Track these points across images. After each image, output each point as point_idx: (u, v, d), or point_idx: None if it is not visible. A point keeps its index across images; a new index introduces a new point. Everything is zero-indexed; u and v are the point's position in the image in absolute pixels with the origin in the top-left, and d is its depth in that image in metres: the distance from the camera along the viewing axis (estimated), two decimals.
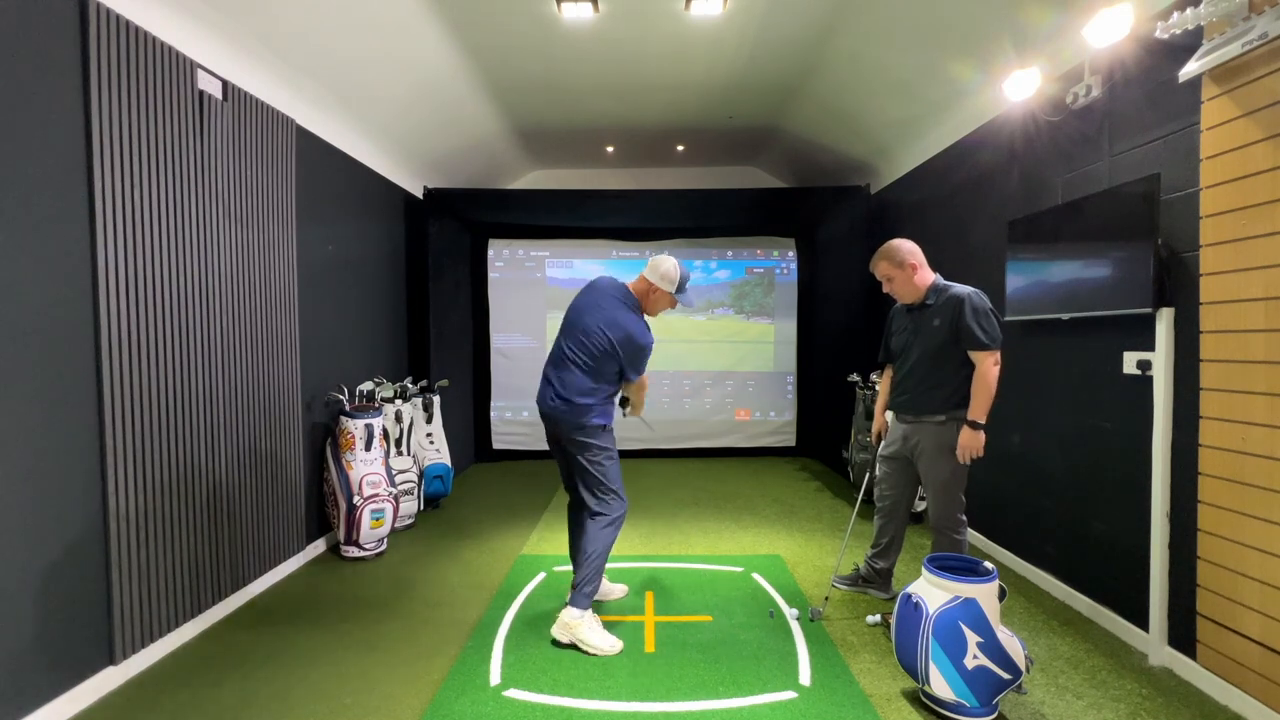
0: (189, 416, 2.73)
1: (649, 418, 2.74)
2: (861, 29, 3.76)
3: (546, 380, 2.80)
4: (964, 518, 2.73)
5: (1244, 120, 2.14)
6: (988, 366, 2.57)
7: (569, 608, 2.65)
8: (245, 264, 3.09)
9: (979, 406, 2.58)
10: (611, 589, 3.10)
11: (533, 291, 6.56)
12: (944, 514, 2.72)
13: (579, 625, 2.61)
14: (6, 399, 1.99)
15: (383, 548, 3.78)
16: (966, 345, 2.59)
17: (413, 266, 5.34)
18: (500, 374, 6.56)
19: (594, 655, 2.56)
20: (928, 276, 2.75)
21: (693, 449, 6.64)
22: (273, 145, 3.30)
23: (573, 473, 2.81)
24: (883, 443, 2.99)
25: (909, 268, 2.72)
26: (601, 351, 2.70)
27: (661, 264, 2.79)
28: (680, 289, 2.79)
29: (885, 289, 2.82)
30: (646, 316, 2.85)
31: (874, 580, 3.03)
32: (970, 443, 2.59)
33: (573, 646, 2.61)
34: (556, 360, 2.79)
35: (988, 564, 2.19)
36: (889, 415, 2.97)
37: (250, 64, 3.13)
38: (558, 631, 2.65)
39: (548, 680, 2.38)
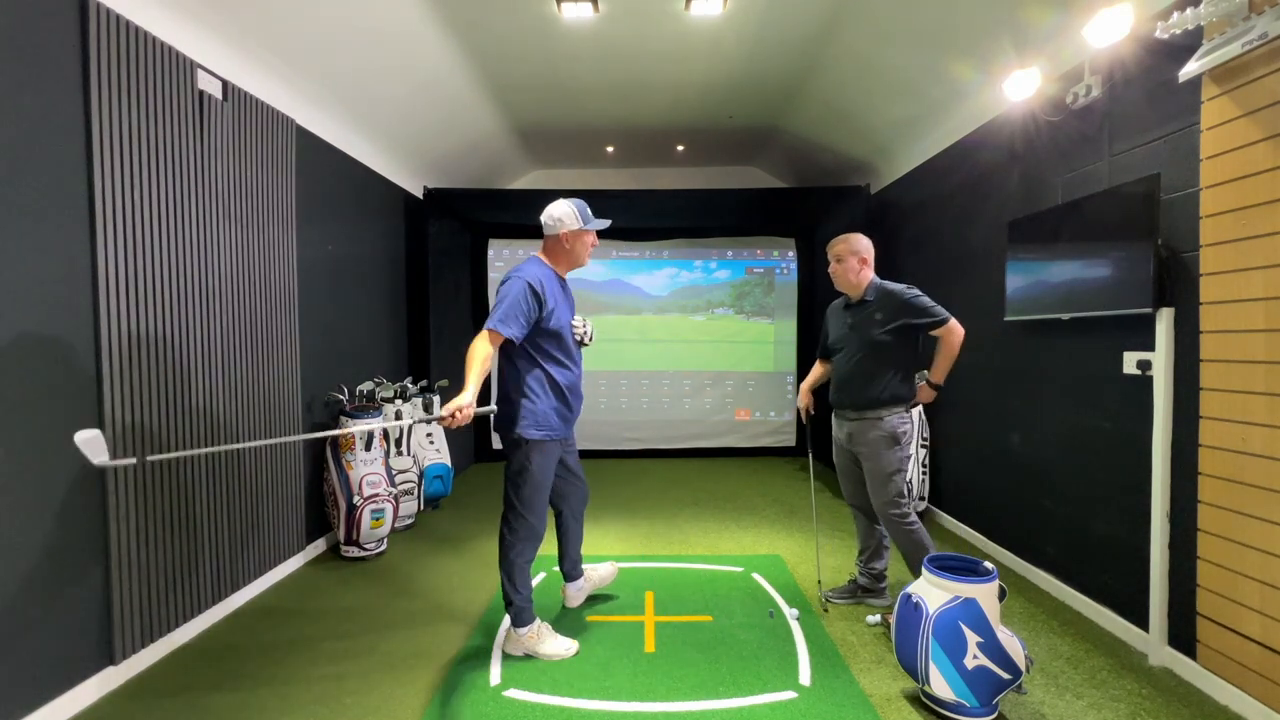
0: (189, 416, 2.73)
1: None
2: (861, 29, 3.76)
3: None
4: (907, 504, 2.79)
5: (1244, 120, 2.14)
6: (955, 334, 2.74)
7: (513, 629, 2.57)
8: (245, 264, 3.09)
9: (940, 368, 2.79)
10: (603, 578, 3.04)
11: None
12: (886, 502, 2.77)
13: (529, 639, 2.55)
14: (7, 399, 1.99)
15: (383, 548, 3.78)
16: (928, 326, 2.75)
17: (413, 266, 5.34)
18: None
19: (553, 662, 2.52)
20: (869, 275, 2.88)
21: (693, 449, 6.64)
22: (272, 145, 3.30)
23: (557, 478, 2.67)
24: (834, 452, 3.06)
25: (859, 260, 2.85)
26: None
27: (551, 210, 2.54)
28: (584, 220, 2.55)
29: (830, 269, 2.93)
30: (576, 269, 2.65)
31: (872, 589, 3.02)
32: (925, 398, 2.88)
33: (530, 656, 2.55)
34: None
35: (988, 564, 2.19)
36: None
37: (250, 64, 3.13)
38: (509, 647, 2.59)
39: (548, 680, 2.38)
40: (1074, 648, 2.62)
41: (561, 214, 2.54)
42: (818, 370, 3.16)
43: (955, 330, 2.72)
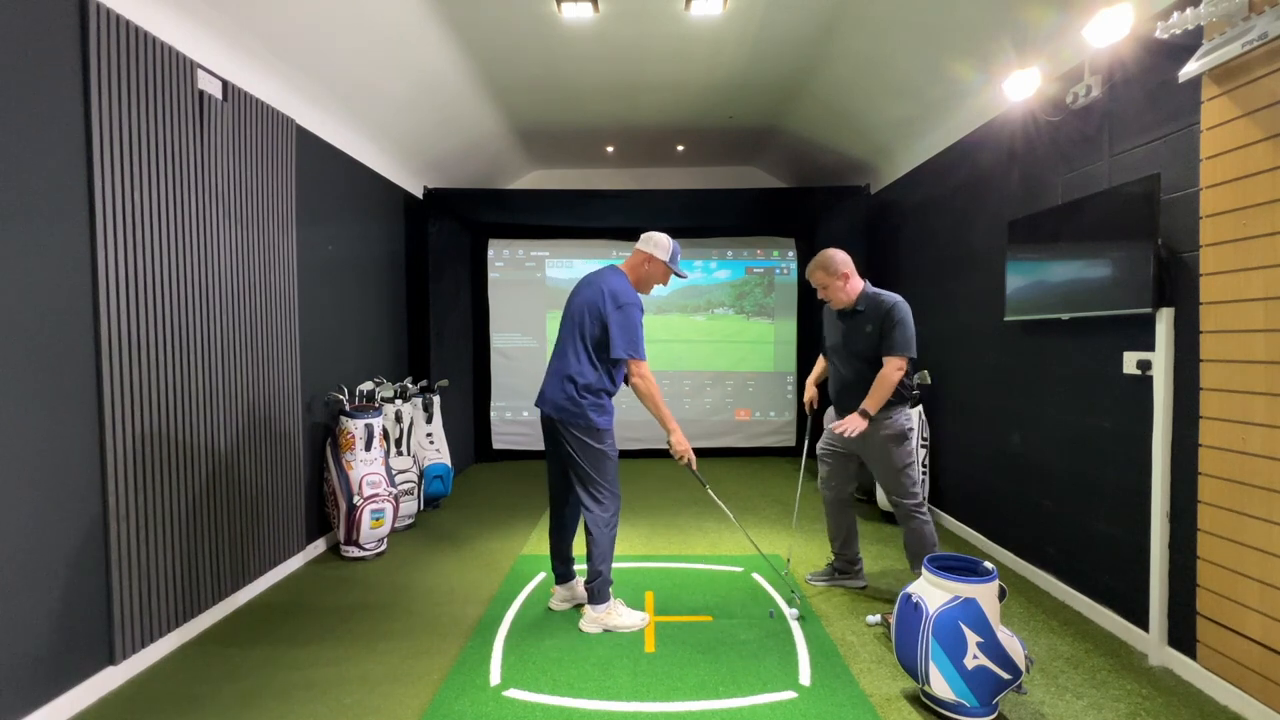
0: (189, 417, 2.73)
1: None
2: (862, 29, 3.76)
3: (545, 379, 2.82)
4: (923, 502, 2.87)
5: (1244, 120, 2.14)
6: (892, 369, 2.75)
7: (590, 606, 2.78)
8: (245, 264, 3.09)
9: (874, 400, 2.76)
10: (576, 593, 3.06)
11: (533, 291, 6.56)
12: (902, 501, 2.85)
13: (606, 616, 2.76)
14: (7, 399, 1.99)
15: (383, 548, 3.78)
16: (883, 350, 2.78)
17: (413, 266, 5.34)
18: (500, 374, 6.56)
19: (628, 633, 2.74)
20: (858, 284, 2.92)
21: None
22: (273, 145, 3.29)
23: (566, 474, 2.81)
24: (822, 440, 3.16)
25: (842, 276, 2.89)
26: (589, 326, 2.70)
27: (655, 235, 2.83)
28: (673, 260, 2.81)
29: (820, 295, 2.98)
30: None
31: (847, 571, 3.20)
32: (854, 424, 2.75)
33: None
34: (554, 355, 2.83)
35: (988, 564, 2.19)
36: (829, 411, 3.19)
37: (250, 64, 3.13)
38: (587, 626, 2.76)
39: (548, 680, 2.38)
40: (1074, 648, 2.62)
41: (658, 241, 2.81)
42: (820, 365, 3.25)
43: (894, 369, 2.73)
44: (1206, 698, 2.26)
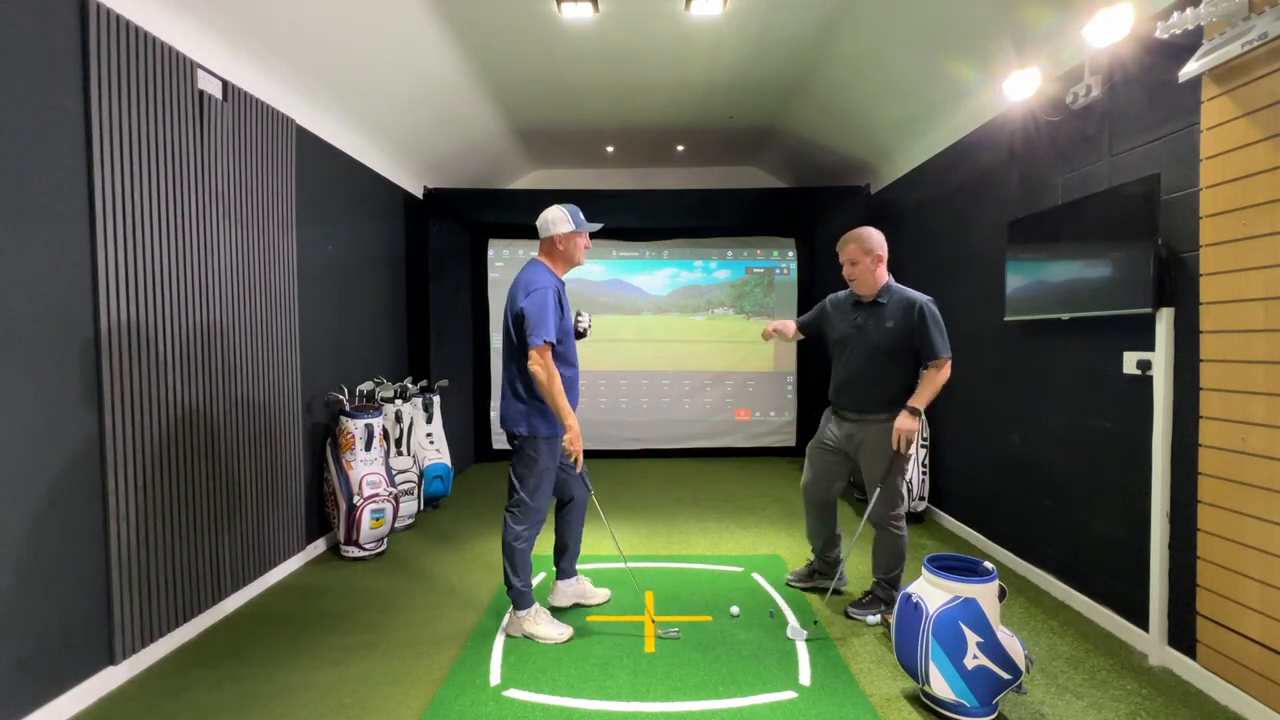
0: (189, 417, 2.73)
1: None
2: (862, 29, 3.76)
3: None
4: (903, 514, 2.83)
5: (1244, 120, 2.14)
6: (945, 371, 2.68)
7: (513, 609, 2.73)
8: (245, 264, 3.09)
9: (925, 398, 2.68)
10: (594, 593, 3.05)
11: None
12: (885, 510, 2.80)
13: (526, 620, 2.70)
14: (7, 398, 1.99)
15: (383, 548, 3.78)
16: (927, 355, 2.68)
17: (413, 266, 5.34)
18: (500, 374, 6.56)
19: (546, 644, 2.65)
20: (885, 274, 2.84)
21: (693, 449, 6.64)
22: (273, 145, 3.29)
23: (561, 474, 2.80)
24: (816, 438, 3.08)
25: (875, 258, 2.79)
26: (511, 326, 2.60)
27: (546, 215, 2.66)
28: (578, 224, 2.65)
29: (845, 272, 2.87)
30: (570, 271, 2.73)
31: (827, 573, 3.17)
32: (907, 425, 2.66)
33: (530, 638, 2.69)
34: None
35: (988, 564, 2.19)
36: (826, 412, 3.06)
37: (250, 64, 3.13)
38: (510, 629, 2.74)
39: (548, 680, 2.38)
40: (1074, 648, 2.63)
41: (554, 218, 2.65)
42: (792, 323, 3.19)
43: (946, 370, 2.67)
44: (1206, 698, 2.26)
